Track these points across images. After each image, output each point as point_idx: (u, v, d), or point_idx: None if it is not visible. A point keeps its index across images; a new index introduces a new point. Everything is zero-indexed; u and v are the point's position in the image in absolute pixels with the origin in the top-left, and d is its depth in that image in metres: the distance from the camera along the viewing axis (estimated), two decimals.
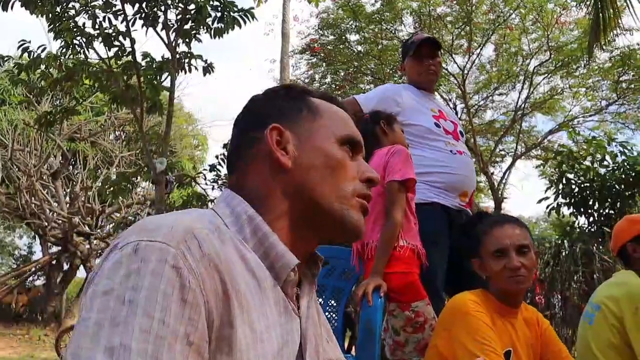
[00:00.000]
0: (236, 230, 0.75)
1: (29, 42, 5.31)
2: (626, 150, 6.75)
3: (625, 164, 6.67)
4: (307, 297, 0.83)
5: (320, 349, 0.85)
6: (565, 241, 7.53)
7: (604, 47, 7.81)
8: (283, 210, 0.78)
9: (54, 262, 13.57)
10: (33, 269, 14.34)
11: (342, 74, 10.76)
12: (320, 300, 2.39)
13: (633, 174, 6.56)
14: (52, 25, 5.08)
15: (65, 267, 13.86)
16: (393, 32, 10.08)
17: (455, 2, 9.64)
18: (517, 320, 1.70)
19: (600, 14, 5.56)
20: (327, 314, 2.41)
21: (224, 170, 7.56)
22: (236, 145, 0.85)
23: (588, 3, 5.89)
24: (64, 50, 5.30)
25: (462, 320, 1.58)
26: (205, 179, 8.30)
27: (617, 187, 6.69)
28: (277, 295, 0.75)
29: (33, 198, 11.99)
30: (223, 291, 0.66)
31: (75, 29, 5.20)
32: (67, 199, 12.89)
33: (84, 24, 5.36)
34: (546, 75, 10.40)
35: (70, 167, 13.54)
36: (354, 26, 10.04)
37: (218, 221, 0.74)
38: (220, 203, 0.80)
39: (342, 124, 0.85)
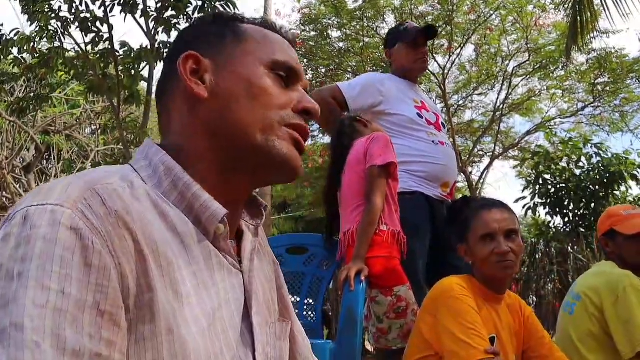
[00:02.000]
0: (154, 185, 0.66)
1: (1, 25, 5.15)
2: (601, 152, 6.88)
3: (600, 165, 6.80)
4: (249, 250, 0.74)
5: (271, 305, 0.78)
6: (540, 241, 7.63)
7: (581, 50, 7.95)
8: (204, 150, 0.69)
9: None
10: None
11: (324, 70, 10.74)
12: (296, 297, 2.34)
13: (607, 176, 6.69)
14: (25, 8, 4.93)
15: None
16: (375, 29, 10.08)
17: (436, 1, 9.70)
18: (501, 307, 1.68)
19: (578, 17, 5.66)
20: (304, 312, 2.36)
21: None
22: (160, 82, 0.77)
23: (566, 6, 5.98)
24: (38, 34, 5.14)
25: (447, 304, 1.55)
26: None
27: (592, 187, 6.82)
28: (207, 251, 0.66)
29: (4, 192, 11.67)
30: (137, 252, 0.57)
31: (50, 12, 5.05)
32: None
33: (59, 7, 5.20)
34: (524, 76, 10.54)
35: (44, 161, 13.23)
36: (335, 22, 10.02)
37: (133, 176, 0.65)
38: (138, 155, 0.71)
39: (274, 48, 0.74)
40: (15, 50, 5.41)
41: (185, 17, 5.46)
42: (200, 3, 5.29)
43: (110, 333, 0.53)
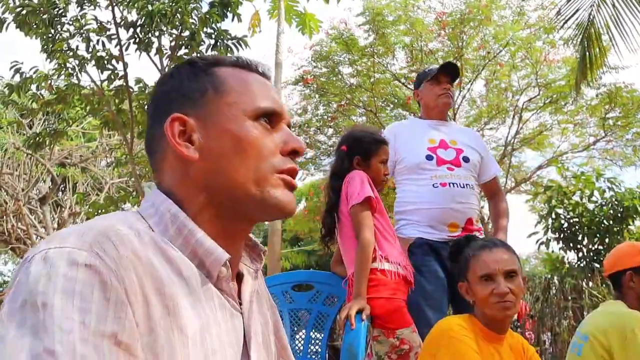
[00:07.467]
0: (160, 231, 0.70)
1: (22, 63, 5.35)
2: (614, 187, 6.80)
3: (614, 199, 6.72)
4: (249, 292, 0.77)
5: (270, 346, 0.80)
6: (554, 276, 7.50)
7: (591, 85, 7.96)
8: (202, 203, 0.72)
9: None
10: None
11: (335, 105, 10.85)
12: (302, 331, 2.34)
13: (621, 210, 6.60)
14: (45, 46, 5.12)
15: None
16: (385, 65, 10.22)
17: (446, 37, 9.84)
18: (502, 347, 1.67)
19: (587, 53, 5.69)
20: (310, 346, 2.35)
21: None
22: (148, 140, 0.79)
23: (575, 42, 6.02)
24: (57, 71, 5.34)
25: (447, 344, 1.55)
26: None
27: (606, 222, 6.72)
28: (210, 293, 0.69)
29: (19, 223, 11.82)
30: (142, 295, 0.61)
31: (68, 51, 5.24)
32: (55, 224, 12.73)
33: (77, 46, 5.41)
34: (535, 111, 10.55)
35: (60, 192, 13.42)
36: (346, 59, 10.19)
37: (139, 224, 0.69)
38: (146, 203, 0.74)
39: (255, 95, 0.76)
40: (34, 87, 5.60)
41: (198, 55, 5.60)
42: (213, 42, 5.43)
43: None
